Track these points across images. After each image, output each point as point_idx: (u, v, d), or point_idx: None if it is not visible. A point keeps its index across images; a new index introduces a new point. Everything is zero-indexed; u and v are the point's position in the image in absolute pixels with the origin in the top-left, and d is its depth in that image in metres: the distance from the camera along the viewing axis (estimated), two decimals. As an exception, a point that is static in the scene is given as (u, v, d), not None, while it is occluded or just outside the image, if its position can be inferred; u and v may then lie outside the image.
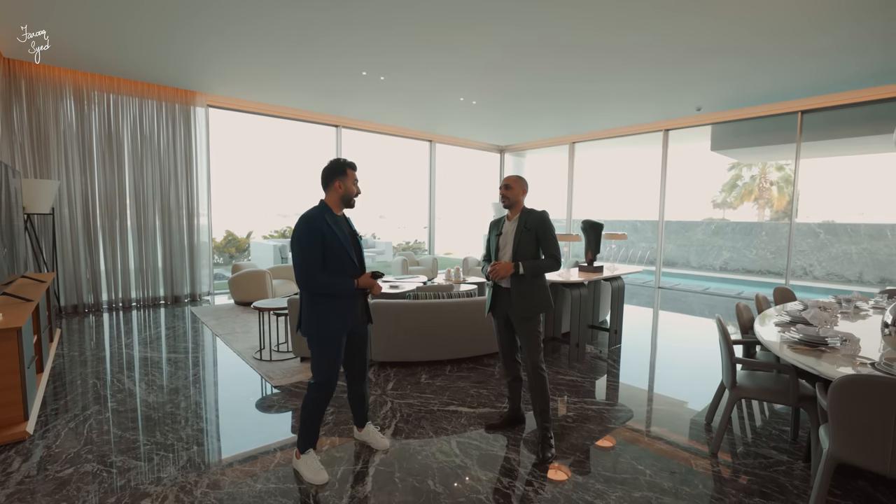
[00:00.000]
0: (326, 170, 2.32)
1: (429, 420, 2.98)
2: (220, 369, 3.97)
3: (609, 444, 2.71)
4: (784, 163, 17.91)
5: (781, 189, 18.72)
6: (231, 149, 9.65)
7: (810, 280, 10.75)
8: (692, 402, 3.35)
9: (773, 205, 19.03)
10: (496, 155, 11.82)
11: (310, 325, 2.26)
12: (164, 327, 5.33)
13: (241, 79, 6.09)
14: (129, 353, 4.33)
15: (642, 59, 5.21)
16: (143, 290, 6.39)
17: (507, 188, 2.72)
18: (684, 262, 13.17)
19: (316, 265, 2.17)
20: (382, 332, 3.90)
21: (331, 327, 2.25)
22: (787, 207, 18.49)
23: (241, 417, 3.05)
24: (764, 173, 18.90)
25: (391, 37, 4.73)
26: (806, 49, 4.84)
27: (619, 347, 4.72)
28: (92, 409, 3.09)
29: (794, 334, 2.54)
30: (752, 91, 6.41)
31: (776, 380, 2.64)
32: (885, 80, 5.80)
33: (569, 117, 8.25)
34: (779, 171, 18.52)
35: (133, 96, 6.14)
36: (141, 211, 6.31)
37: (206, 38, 4.77)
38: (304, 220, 2.19)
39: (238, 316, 5.69)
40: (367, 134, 9.06)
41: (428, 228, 10.70)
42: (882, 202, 11.50)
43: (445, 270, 7.19)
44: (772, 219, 18.58)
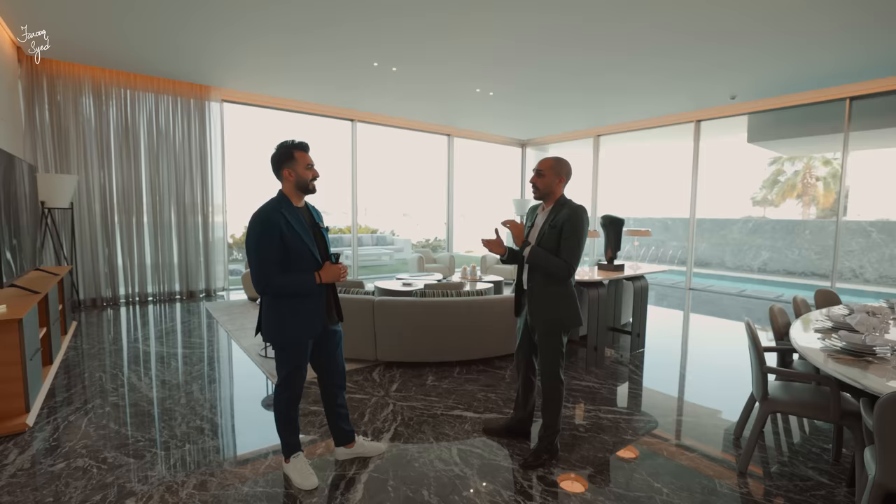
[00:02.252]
0: (272, 158, 2.05)
1: (430, 424, 2.82)
2: (224, 366, 3.93)
3: (624, 457, 2.48)
4: (831, 156, 16.75)
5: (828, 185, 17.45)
6: (247, 144, 9.75)
7: (860, 283, 10.00)
8: (721, 413, 3.07)
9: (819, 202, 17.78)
10: (518, 149, 11.53)
11: (270, 329, 2.04)
12: (177, 322, 5.36)
13: (252, 71, 6.06)
14: (138, 347, 4.35)
15: (669, 43, 4.88)
16: (160, 284, 6.49)
17: (539, 174, 2.32)
18: (719, 263, 12.53)
19: (272, 265, 1.94)
20: (389, 331, 3.76)
21: (293, 331, 2.03)
22: (834, 205, 17.30)
23: (239, 417, 2.97)
24: (809, 168, 17.71)
25: (403, 24, 4.58)
26: (851, 26, 4.41)
27: (641, 352, 4.43)
28: (94, 402, 3.07)
29: (837, 342, 2.24)
30: (793, 76, 5.94)
31: (815, 392, 2.35)
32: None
33: (593, 109, 7.91)
34: (825, 165, 17.29)
35: (149, 92, 6.21)
36: (157, 206, 6.39)
37: (215, 30, 4.73)
38: (257, 216, 1.95)
39: (249, 312, 5.68)
40: (382, 128, 8.96)
41: (447, 225, 10.53)
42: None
43: (462, 268, 7.01)
44: (818, 217, 17.40)
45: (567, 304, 2.30)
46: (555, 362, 2.35)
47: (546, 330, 2.33)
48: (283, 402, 2.13)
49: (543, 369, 2.39)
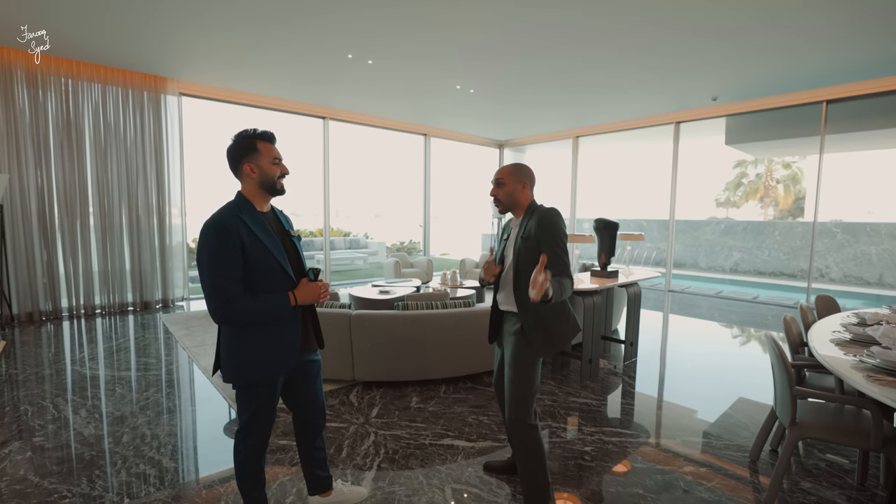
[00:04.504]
0: (229, 151, 1.63)
1: (418, 458, 2.48)
2: (178, 392, 3.45)
3: (639, 492, 2.20)
4: (791, 160, 17.54)
5: (788, 187, 18.39)
6: (210, 142, 9.12)
7: (827, 282, 10.26)
8: (731, 430, 2.85)
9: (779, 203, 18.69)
10: (495, 150, 11.30)
11: (231, 365, 1.61)
12: (129, 338, 4.81)
13: (216, 63, 5.55)
14: (79, 370, 3.81)
15: (650, 41, 4.70)
16: (109, 295, 5.85)
17: (498, 184, 1.98)
18: (693, 264, 12.66)
19: (232, 286, 1.51)
20: (367, 348, 3.38)
21: (261, 368, 1.61)
22: (792, 206, 18.17)
23: (188, 460, 2.54)
24: (770, 171, 18.51)
25: (379, 15, 4.22)
26: (833, 29, 4.34)
27: (634, 361, 4.22)
28: (12, 445, 2.56)
29: (869, 359, 2.03)
30: (774, 78, 5.90)
31: (848, 415, 2.14)
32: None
33: (574, 109, 7.73)
34: (785, 168, 18.16)
35: (94, 82, 5.59)
36: (106, 207, 5.76)
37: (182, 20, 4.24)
38: (209, 224, 1.53)
39: (211, 325, 5.16)
40: (356, 126, 8.53)
41: (423, 228, 10.18)
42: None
43: (441, 273, 6.68)
44: (776, 217, 18.20)
45: (558, 321, 1.89)
46: (522, 399, 1.83)
47: (518, 348, 1.87)
48: (245, 453, 1.72)
49: (510, 410, 1.87)
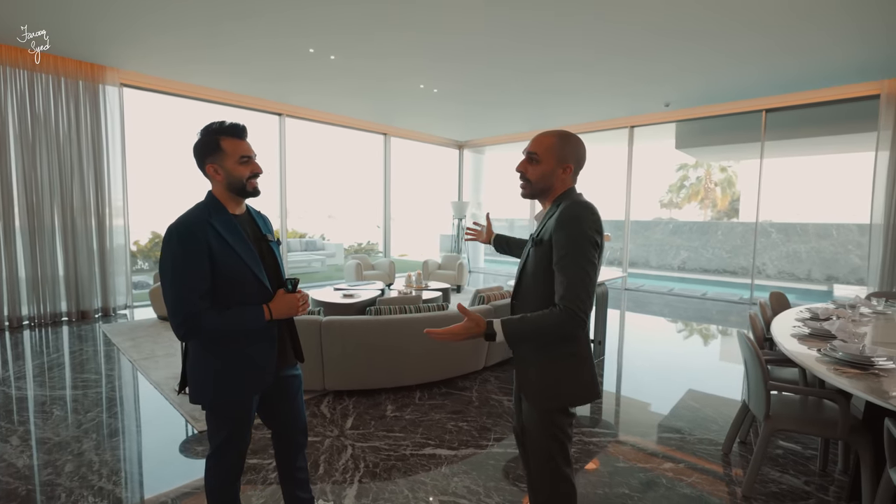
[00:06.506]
0: (194, 149, 1.46)
1: (401, 470, 2.38)
2: (127, 410, 3.14)
3: (625, 492, 2.22)
4: (726, 164, 18.96)
5: (724, 190, 19.94)
6: (156, 137, 8.49)
7: (763, 278, 11.07)
8: (702, 424, 2.96)
9: (717, 205, 20.24)
10: (455, 151, 11.30)
11: (199, 385, 1.46)
12: (63, 352, 4.34)
13: (163, 51, 5.13)
14: (4, 391, 3.38)
15: (608, 47, 4.84)
16: (39, 304, 5.26)
17: (531, 159, 1.42)
18: (644, 262, 13.27)
19: (199, 299, 1.35)
20: (339, 356, 3.23)
21: (233, 388, 1.46)
22: (728, 208, 19.68)
23: (146, 486, 2.30)
24: (709, 174, 19.97)
25: (344, 13, 4.07)
26: (770, 45, 4.66)
27: (602, 359, 4.31)
28: (-73, 483, 2.21)
29: (832, 353, 2.16)
30: (720, 87, 6.27)
31: (815, 407, 2.26)
32: (843, 79, 5.82)
33: (536, 110, 7.84)
34: (722, 172, 19.65)
35: (18, 68, 5.02)
36: (34, 208, 5.17)
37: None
38: (174, 229, 1.36)
39: (160, 334, 4.76)
40: (314, 124, 8.23)
41: (383, 229, 10.00)
42: (829, 202, 12.13)
43: (405, 275, 6.57)
44: (714, 218, 19.62)
45: (565, 372, 1.37)
46: (551, 460, 1.40)
47: (540, 416, 1.40)
48: (217, 479, 1.55)
49: (535, 470, 1.45)
